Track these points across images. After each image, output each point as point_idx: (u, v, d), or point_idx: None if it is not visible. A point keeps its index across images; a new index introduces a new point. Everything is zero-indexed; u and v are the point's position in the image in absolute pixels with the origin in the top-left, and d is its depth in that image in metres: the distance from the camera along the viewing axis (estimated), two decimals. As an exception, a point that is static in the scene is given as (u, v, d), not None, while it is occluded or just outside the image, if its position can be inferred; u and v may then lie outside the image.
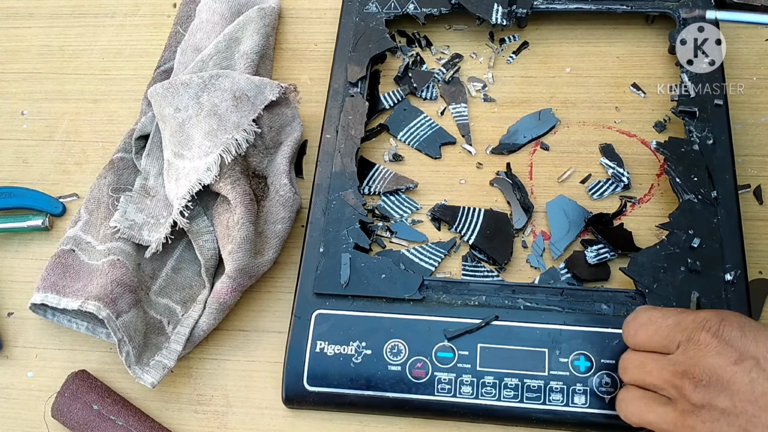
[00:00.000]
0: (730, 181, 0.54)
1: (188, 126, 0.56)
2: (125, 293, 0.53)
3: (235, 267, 0.53)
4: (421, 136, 0.62)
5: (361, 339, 0.52)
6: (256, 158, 0.58)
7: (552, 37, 0.65)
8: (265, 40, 0.64)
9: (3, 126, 0.67)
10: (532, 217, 0.57)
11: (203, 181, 0.54)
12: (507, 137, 0.61)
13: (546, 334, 0.50)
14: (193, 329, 0.54)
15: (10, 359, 0.57)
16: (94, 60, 0.70)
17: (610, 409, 0.48)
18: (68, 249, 0.56)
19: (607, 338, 0.50)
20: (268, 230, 0.55)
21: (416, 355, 0.51)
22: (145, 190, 0.59)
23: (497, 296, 0.52)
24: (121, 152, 0.61)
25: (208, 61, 0.61)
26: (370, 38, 0.63)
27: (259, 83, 0.58)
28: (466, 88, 0.64)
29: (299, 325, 0.52)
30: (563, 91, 0.62)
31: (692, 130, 0.56)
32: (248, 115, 0.57)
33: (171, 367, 0.52)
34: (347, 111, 0.60)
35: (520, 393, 0.49)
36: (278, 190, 0.56)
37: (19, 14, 0.73)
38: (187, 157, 0.56)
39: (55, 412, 0.53)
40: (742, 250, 0.52)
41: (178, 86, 0.57)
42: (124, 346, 0.51)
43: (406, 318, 0.52)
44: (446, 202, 0.59)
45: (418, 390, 0.50)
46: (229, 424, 0.53)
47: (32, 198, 0.61)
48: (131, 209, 0.57)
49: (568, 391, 0.49)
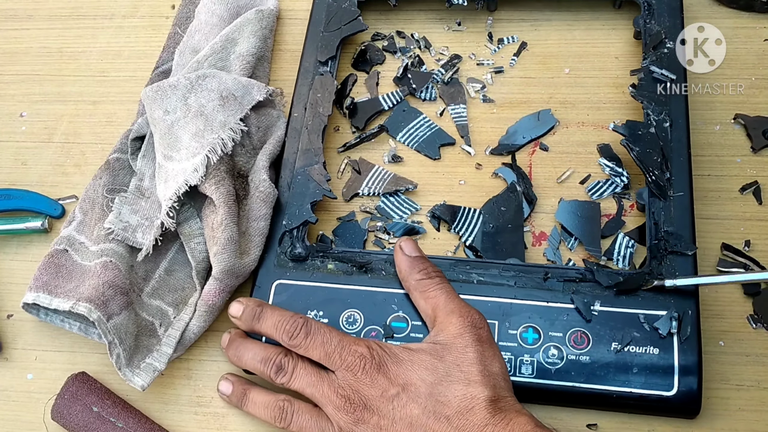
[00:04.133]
0: (685, 163, 0.55)
1: (176, 128, 0.56)
2: (117, 295, 0.53)
3: (221, 269, 0.52)
4: (420, 137, 0.62)
5: (318, 308, 0.53)
6: (243, 158, 0.58)
7: (551, 38, 0.65)
8: (262, 42, 0.64)
9: (2, 128, 0.67)
10: (534, 208, 0.58)
11: (189, 182, 0.54)
12: (506, 138, 0.61)
13: (497, 307, 0.52)
14: (184, 332, 0.54)
15: (9, 361, 0.57)
16: (92, 61, 0.69)
17: (555, 380, 0.50)
18: (61, 249, 0.56)
19: (556, 312, 0.51)
20: (251, 228, 0.55)
21: (371, 325, 0.52)
22: (140, 191, 0.59)
23: (452, 270, 0.53)
24: (117, 153, 0.61)
25: (204, 62, 0.61)
26: (342, 19, 0.64)
27: (246, 83, 0.58)
28: (465, 89, 0.64)
29: (259, 294, 0.54)
30: (562, 91, 0.62)
31: (650, 113, 0.57)
32: (235, 115, 0.57)
33: (161, 370, 0.52)
34: (316, 89, 0.61)
35: None
36: (258, 186, 0.56)
37: (17, 16, 0.73)
38: (176, 159, 0.56)
39: (55, 415, 0.53)
40: (693, 232, 0.53)
41: (166, 88, 0.57)
42: (114, 349, 0.51)
43: (364, 289, 0.53)
44: (446, 202, 0.59)
45: None
46: (229, 426, 0.53)
47: (31, 200, 0.61)
48: (126, 210, 0.57)
49: (516, 362, 0.50)
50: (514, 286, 0.52)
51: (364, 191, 0.60)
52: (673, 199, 0.54)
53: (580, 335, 0.50)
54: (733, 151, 0.59)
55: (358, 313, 0.53)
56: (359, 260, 0.55)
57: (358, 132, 0.63)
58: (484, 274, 0.53)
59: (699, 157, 0.59)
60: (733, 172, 0.58)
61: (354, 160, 0.61)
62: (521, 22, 0.66)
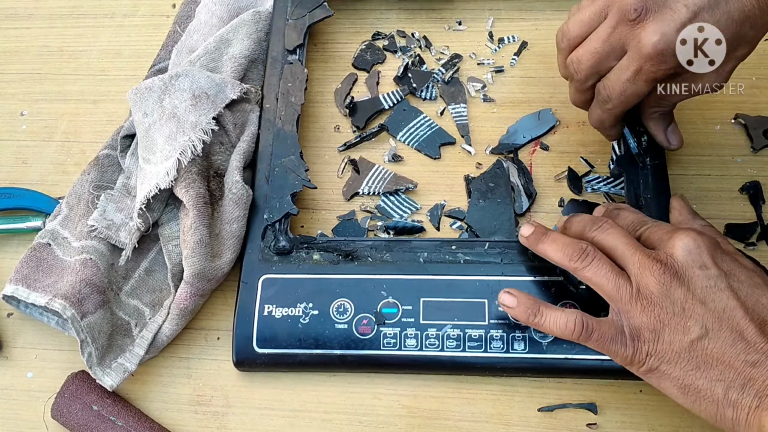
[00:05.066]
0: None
1: (153, 131, 0.56)
2: (93, 294, 0.53)
3: (191, 272, 0.52)
4: (420, 136, 0.62)
5: (307, 300, 0.53)
6: (221, 156, 0.57)
7: (551, 38, 0.65)
8: (257, 45, 0.64)
9: (2, 126, 0.67)
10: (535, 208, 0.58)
11: (160, 185, 0.54)
12: (506, 137, 0.61)
13: (485, 286, 0.52)
14: (157, 334, 0.54)
15: (9, 360, 0.57)
16: (93, 60, 0.69)
17: (548, 354, 0.50)
18: (45, 242, 0.56)
19: (545, 287, 0.52)
20: (224, 231, 0.55)
21: (362, 313, 0.52)
22: (127, 189, 0.59)
23: (438, 252, 0.54)
24: (107, 149, 0.61)
25: (196, 62, 0.61)
26: (307, 5, 0.63)
27: (219, 81, 0.58)
28: (465, 89, 0.64)
29: (246, 290, 0.54)
30: (562, 91, 0.62)
31: None
32: (207, 114, 0.56)
33: (132, 371, 0.52)
34: (286, 78, 0.61)
35: (462, 343, 0.51)
36: (231, 188, 0.56)
37: (18, 15, 0.73)
38: (153, 162, 0.56)
39: (55, 413, 0.53)
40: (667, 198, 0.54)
41: (143, 90, 0.57)
42: (86, 347, 0.51)
43: (351, 278, 0.53)
44: (446, 202, 0.59)
45: (365, 346, 0.52)
46: (229, 425, 0.53)
47: (31, 199, 0.61)
48: (111, 208, 0.57)
49: (507, 339, 0.51)
50: (500, 263, 0.53)
51: (365, 190, 0.60)
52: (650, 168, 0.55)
53: (569, 307, 0.51)
54: (733, 150, 0.59)
55: (348, 302, 0.53)
56: (345, 249, 0.55)
57: (359, 131, 0.63)
58: (470, 253, 0.53)
59: (699, 156, 0.59)
60: (734, 171, 0.58)
61: (354, 159, 0.61)
62: (521, 21, 0.66)
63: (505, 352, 0.51)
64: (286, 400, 0.53)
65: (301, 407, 0.53)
